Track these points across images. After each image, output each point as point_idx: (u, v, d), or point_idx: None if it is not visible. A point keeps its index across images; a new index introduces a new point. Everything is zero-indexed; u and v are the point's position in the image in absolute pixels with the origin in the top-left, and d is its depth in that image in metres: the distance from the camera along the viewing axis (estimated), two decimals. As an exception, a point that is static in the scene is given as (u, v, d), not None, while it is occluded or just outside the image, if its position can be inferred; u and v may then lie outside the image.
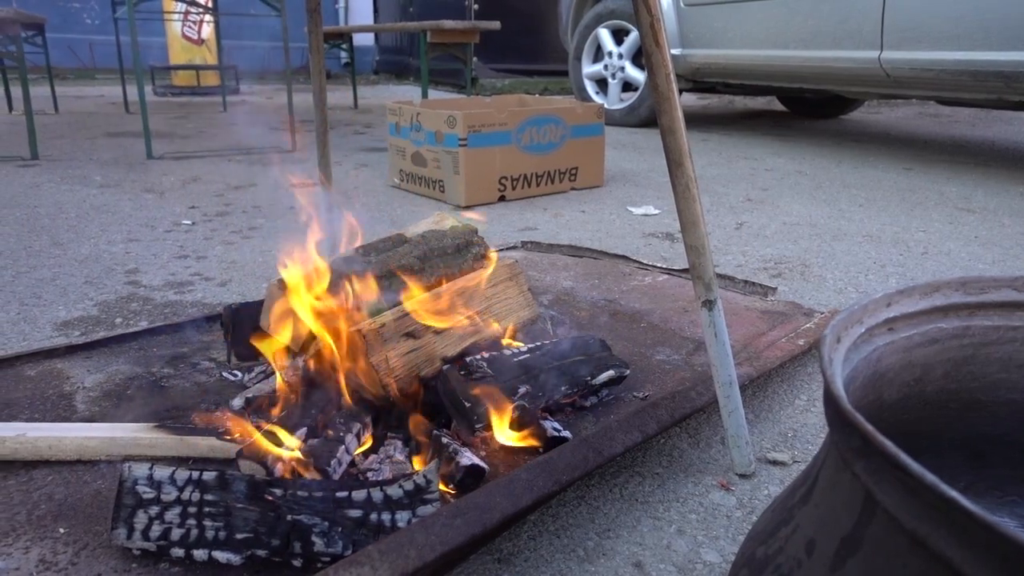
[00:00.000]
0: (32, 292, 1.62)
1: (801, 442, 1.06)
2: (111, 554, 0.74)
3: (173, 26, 6.44)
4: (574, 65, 4.78)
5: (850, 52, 3.23)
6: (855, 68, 3.25)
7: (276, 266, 1.02)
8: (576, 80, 4.80)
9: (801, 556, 0.50)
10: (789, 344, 1.24)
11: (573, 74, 4.82)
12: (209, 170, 3.07)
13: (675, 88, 0.82)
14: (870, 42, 3.12)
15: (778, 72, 3.72)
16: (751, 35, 3.69)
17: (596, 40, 4.60)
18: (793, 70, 3.60)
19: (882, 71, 3.12)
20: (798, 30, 3.45)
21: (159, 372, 1.15)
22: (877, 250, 2.02)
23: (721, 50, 3.87)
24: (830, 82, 3.60)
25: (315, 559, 0.72)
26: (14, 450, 0.87)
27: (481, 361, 1.01)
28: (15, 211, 2.32)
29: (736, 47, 3.78)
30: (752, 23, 3.66)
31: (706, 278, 0.88)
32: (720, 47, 3.87)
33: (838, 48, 3.28)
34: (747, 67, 3.83)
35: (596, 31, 4.56)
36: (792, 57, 3.52)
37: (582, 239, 2.08)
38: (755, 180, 3.01)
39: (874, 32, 3.08)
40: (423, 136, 2.56)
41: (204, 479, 0.74)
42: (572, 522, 0.87)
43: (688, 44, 4.00)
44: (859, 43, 3.17)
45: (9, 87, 4.77)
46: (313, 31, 1.40)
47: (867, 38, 3.13)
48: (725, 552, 0.83)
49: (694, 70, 4.07)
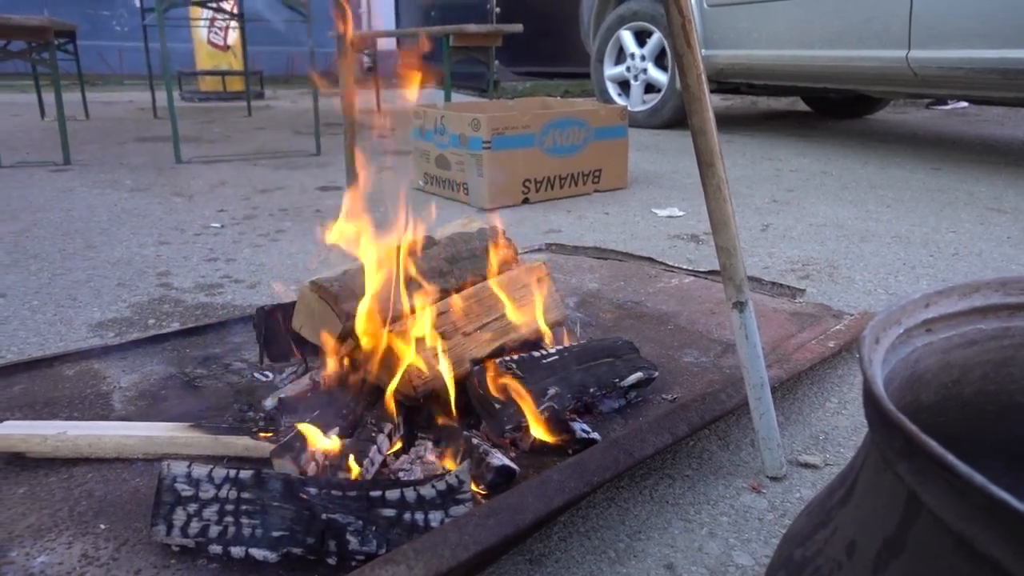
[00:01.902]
0: (67, 294, 1.65)
1: (833, 445, 1.05)
2: (150, 550, 0.75)
3: (199, 32, 6.55)
4: (596, 67, 4.78)
5: (876, 51, 3.19)
6: (882, 67, 3.21)
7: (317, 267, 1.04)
8: (598, 82, 4.80)
9: (841, 558, 0.49)
10: (819, 346, 1.23)
11: (595, 76, 4.81)
12: (236, 174, 3.12)
13: (706, 89, 0.82)
14: (897, 41, 3.08)
15: (803, 72, 3.68)
16: (776, 35, 3.66)
17: (618, 42, 4.59)
18: (818, 70, 3.57)
19: (910, 70, 3.08)
20: (823, 30, 3.41)
21: (192, 372, 1.17)
22: (906, 251, 1.99)
23: (745, 50, 3.84)
24: (856, 82, 3.56)
25: (349, 557, 0.73)
26: (55, 448, 0.89)
27: (510, 362, 1.01)
28: (49, 215, 2.37)
29: (761, 47, 3.75)
30: (777, 23, 3.64)
31: (737, 279, 0.88)
32: (744, 47, 3.84)
33: (864, 47, 3.24)
34: (772, 67, 3.80)
35: (618, 33, 4.55)
36: (817, 57, 3.49)
37: (607, 241, 2.08)
38: (780, 181, 2.98)
39: (901, 31, 3.04)
40: (447, 139, 2.58)
41: (241, 477, 0.75)
42: (602, 524, 0.88)
43: (712, 45, 3.98)
44: (886, 42, 3.13)
45: (41, 94, 4.87)
46: (343, 38, 1.41)
47: (894, 37, 3.09)
48: (757, 555, 0.82)
49: (718, 71, 4.05)
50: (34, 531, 0.78)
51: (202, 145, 3.90)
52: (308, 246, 2.04)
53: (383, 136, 4.18)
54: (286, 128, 4.69)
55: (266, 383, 1.13)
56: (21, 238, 2.09)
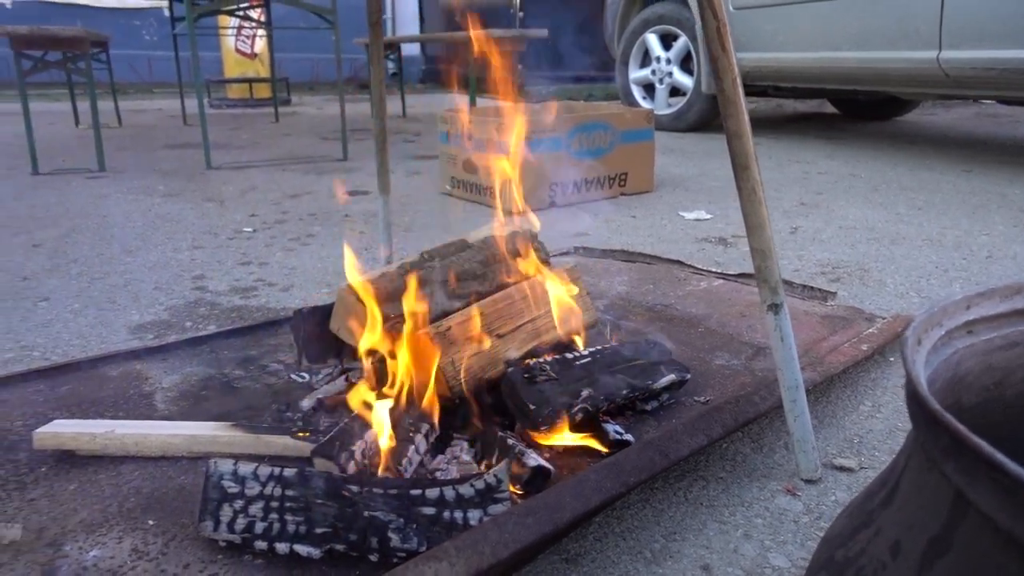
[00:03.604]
0: (107, 297, 1.69)
1: (867, 448, 1.04)
2: (198, 545, 0.77)
3: (227, 41, 6.66)
4: (621, 70, 4.77)
5: (907, 52, 3.15)
6: (912, 68, 3.17)
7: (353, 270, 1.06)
8: (623, 85, 4.79)
9: (885, 558, 0.50)
10: (852, 349, 1.23)
11: (620, 79, 4.81)
12: (266, 179, 3.17)
13: (741, 92, 0.83)
14: (928, 42, 3.04)
15: (831, 74, 3.65)
16: (803, 37, 3.63)
17: (644, 45, 4.59)
18: (847, 72, 3.53)
19: (941, 71, 3.04)
20: (852, 31, 3.38)
21: (231, 374, 1.20)
22: (938, 254, 1.97)
23: (772, 53, 3.82)
24: (886, 83, 3.52)
25: (391, 555, 0.74)
26: (104, 446, 0.92)
27: (544, 364, 1.02)
28: (87, 220, 2.42)
29: (788, 49, 3.73)
30: (804, 25, 3.61)
31: (772, 282, 0.88)
32: (771, 50, 3.82)
33: (894, 48, 3.21)
34: (799, 70, 3.77)
35: (644, 36, 4.54)
36: (846, 59, 3.46)
37: (634, 244, 2.08)
38: (808, 184, 2.96)
39: (932, 31, 3.00)
40: (474, 143, 2.60)
41: (285, 475, 0.77)
42: (637, 524, 0.88)
43: (738, 48, 3.94)
44: (916, 43, 3.09)
45: (76, 102, 4.99)
46: (374, 43, 1.44)
47: (925, 37, 3.05)
48: (794, 557, 0.82)
49: (744, 74, 4.00)
50: (86, 526, 0.80)
51: (231, 151, 3.97)
52: (338, 250, 2.07)
53: (410, 141, 4.21)
54: (313, 134, 4.75)
55: (303, 384, 1.15)
56: (61, 243, 2.15)
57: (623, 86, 4.80)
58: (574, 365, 1.04)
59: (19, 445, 0.96)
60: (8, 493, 0.86)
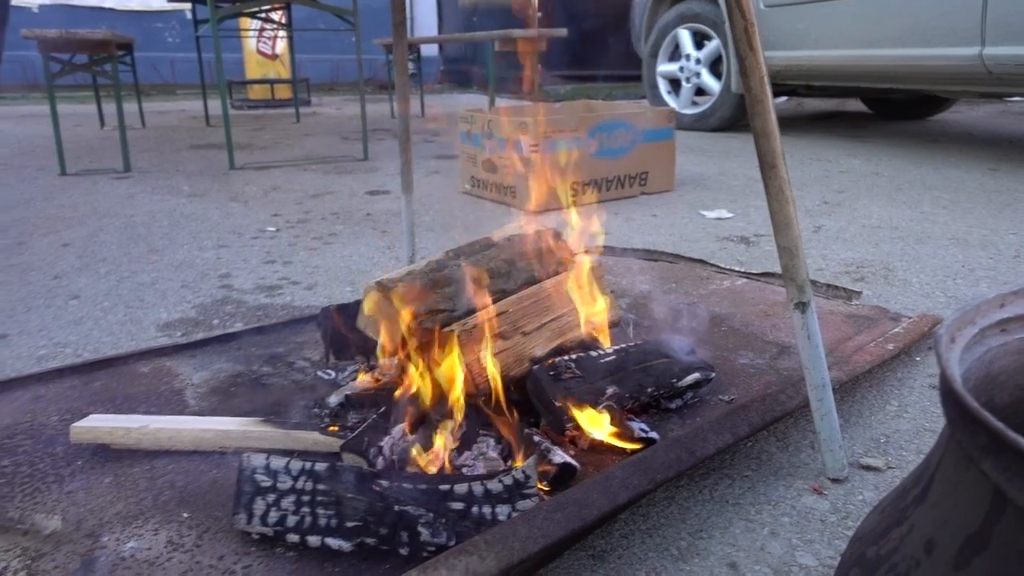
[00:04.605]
0: (135, 295, 1.72)
1: (895, 448, 1.04)
2: (231, 537, 0.79)
3: (249, 42, 6.73)
4: (649, 62, 4.72)
5: (947, 49, 3.08)
6: (953, 66, 3.09)
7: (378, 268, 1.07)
8: (649, 77, 4.75)
9: (919, 555, 0.50)
10: (878, 349, 1.22)
11: (647, 71, 4.76)
12: (288, 179, 3.20)
13: (769, 91, 0.83)
14: (969, 38, 2.96)
15: (867, 73, 3.58)
16: (837, 35, 3.56)
17: (675, 39, 4.53)
18: (883, 70, 3.46)
19: (984, 68, 2.97)
20: (889, 28, 3.31)
21: (259, 370, 1.22)
22: (965, 253, 1.95)
23: (805, 51, 3.75)
24: (924, 82, 3.45)
25: (421, 549, 0.75)
26: (138, 440, 0.94)
27: (569, 362, 1.03)
28: (114, 220, 2.46)
29: (821, 48, 3.66)
30: (838, 22, 3.54)
31: (799, 280, 0.88)
32: (803, 48, 3.75)
33: (933, 45, 3.13)
34: (833, 68, 3.70)
35: (676, 31, 4.49)
36: (882, 56, 3.38)
37: (655, 243, 2.08)
38: (830, 182, 2.94)
39: (974, 27, 2.93)
40: (495, 143, 2.60)
41: (316, 469, 0.79)
42: (663, 522, 0.88)
43: (768, 46, 3.88)
44: (957, 39, 3.02)
45: (101, 104, 5.07)
46: (398, 44, 1.45)
47: (966, 34, 2.98)
48: (821, 556, 0.82)
49: (775, 73, 3.95)
50: (122, 518, 0.82)
51: (254, 152, 4.01)
52: (361, 249, 2.09)
53: (429, 141, 4.23)
54: (333, 134, 4.78)
55: (329, 381, 1.17)
56: (89, 242, 2.19)
57: (649, 78, 4.75)
58: (599, 363, 1.05)
59: (56, 439, 0.98)
60: (47, 485, 0.88)
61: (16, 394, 1.11)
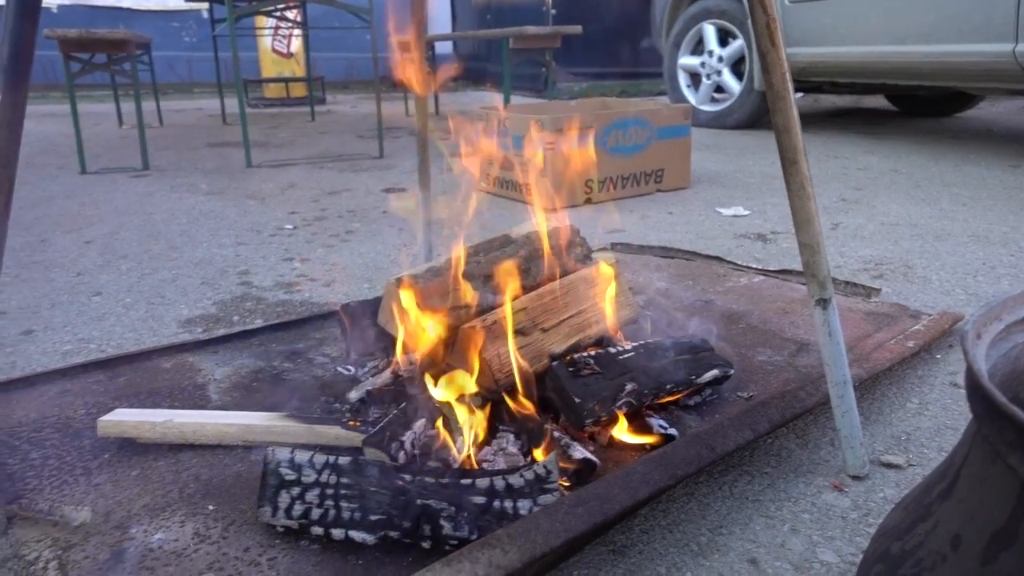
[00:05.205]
0: (156, 292, 1.74)
1: (916, 446, 1.03)
2: (256, 530, 0.80)
3: (264, 41, 6.77)
4: (671, 52, 4.67)
5: (979, 45, 3.02)
6: (985, 62, 3.04)
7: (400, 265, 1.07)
8: (670, 68, 4.71)
9: (945, 551, 0.50)
10: (898, 346, 1.21)
11: (668, 61, 4.72)
12: (304, 177, 3.22)
13: (791, 87, 0.83)
14: (1003, 34, 2.91)
15: (895, 69, 3.53)
16: (864, 31, 3.51)
17: (699, 33, 4.48)
18: (912, 66, 3.40)
19: (1017, 65, 2.91)
20: (918, 24, 3.25)
21: (279, 366, 1.23)
22: (985, 251, 1.93)
23: (830, 48, 3.69)
24: (954, 78, 3.39)
25: (443, 542, 0.76)
26: (163, 434, 0.95)
27: (588, 358, 1.03)
28: (134, 218, 2.49)
29: (847, 44, 3.60)
30: (865, 18, 3.48)
31: (820, 276, 0.88)
32: (829, 45, 3.69)
33: (964, 41, 3.08)
34: (860, 65, 3.64)
35: (702, 24, 4.43)
36: (911, 53, 3.32)
37: (672, 241, 2.07)
38: (847, 180, 2.92)
39: (1007, 23, 2.87)
40: (510, 140, 2.61)
41: (340, 463, 0.79)
42: (683, 517, 0.89)
43: (793, 43, 3.81)
44: (989, 35, 2.96)
45: (120, 103, 5.12)
46: (417, 42, 1.46)
47: (999, 30, 2.92)
48: (843, 552, 0.82)
49: (799, 70, 3.90)
50: (150, 510, 0.84)
51: (270, 150, 4.04)
52: (378, 246, 2.10)
53: (444, 139, 4.24)
54: (348, 132, 4.80)
55: (349, 377, 1.18)
56: (110, 240, 2.21)
57: (669, 68, 4.71)
58: (617, 359, 1.05)
59: (83, 432, 1.00)
60: (75, 478, 0.90)
61: (43, 388, 1.13)
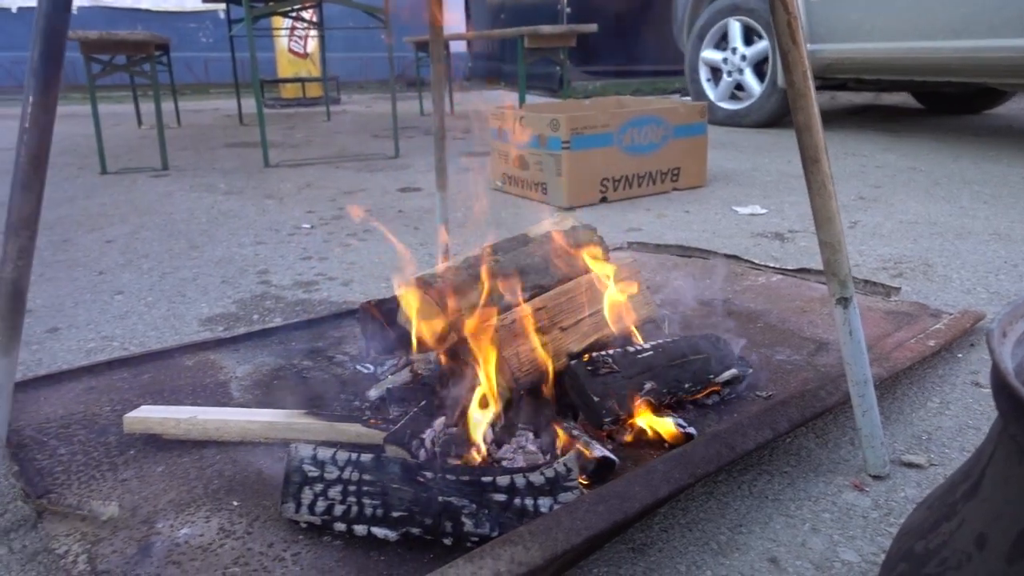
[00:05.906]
0: (177, 291, 1.77)
1: (937, 445, 1.03)
2: (280, 525, 0.81)
3: (280, 41, 6.81)
4: (694, 43, 4.61)
5: (1011, 40, 2.97)
6: (1018, 58, 2.99)
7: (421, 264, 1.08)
8: (691, 60, 4.66)
9: (970, 550, 0.50)
10: (919, 345, 1.20)
11: (690, 54, 4.68)
12: (321, 177, 3.24)
13: (812, 85, 0.83)
14: None
15: (924, 65, 3.47)
16: (892, 26, 3.46)
17: (723, 28, 4.43)
18: (941, 62, 3.35)
19: None
20: (947, 18, 3.20)
21: (300, 364, 1.24)
22: (1007, 249, 1.91)
23: (856, 44, 3.65)
24: (984, 74, 3.34)
25: (464, 539, 0.76)
26: (187, 431, 0.97)
27: (606, 357, 1.03)
28: (154, 217, 2.52)
29: (874, 40, 3.55)
30: (892, 13, 3.43)
31: (841, 275, 0.88)
32: (855, 41, 3.64)
33: (996, 36, 3.02)
34: (886, 61, 3.60)
35: (728, 20, 4.38)
36: (940, 48, 3.27)
37: (688, 240, 2.07)
38: (866, 177, 2.90)
39: None
40: (526, 139, 2.61)
41: (362, 460, 0.80)
42: (703, 516, 0.89)
43: (818, 39, 3.76)
44: (1022, 29, 2.92)
45: (138, 103, 5.18)
46: (434, 41, 1.46)
47: None
48: (864, 552, 0.82)
49: (824, 67, 3.85)
50: (175, 506, 0.85)
51: (287, 150, 4.06)
52: (394, 245, 2.11)
53: (459, 138, 4.25)
54: (364, 131, 4.83)
55: (369, 375, 1.19)
56: (131, 239, 2.24)
57: (691, 60, 4.66)
58: (635, 358, 1.05)
59: (109, 429, 1.01)
60: (102, 473, 0.92)
61: (70, 385, 1.15)
